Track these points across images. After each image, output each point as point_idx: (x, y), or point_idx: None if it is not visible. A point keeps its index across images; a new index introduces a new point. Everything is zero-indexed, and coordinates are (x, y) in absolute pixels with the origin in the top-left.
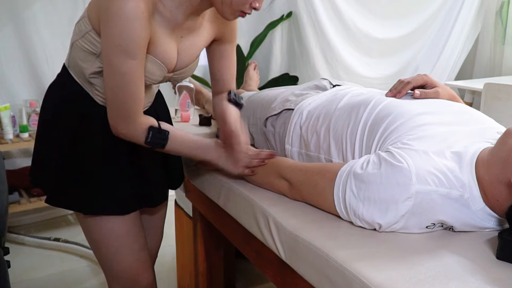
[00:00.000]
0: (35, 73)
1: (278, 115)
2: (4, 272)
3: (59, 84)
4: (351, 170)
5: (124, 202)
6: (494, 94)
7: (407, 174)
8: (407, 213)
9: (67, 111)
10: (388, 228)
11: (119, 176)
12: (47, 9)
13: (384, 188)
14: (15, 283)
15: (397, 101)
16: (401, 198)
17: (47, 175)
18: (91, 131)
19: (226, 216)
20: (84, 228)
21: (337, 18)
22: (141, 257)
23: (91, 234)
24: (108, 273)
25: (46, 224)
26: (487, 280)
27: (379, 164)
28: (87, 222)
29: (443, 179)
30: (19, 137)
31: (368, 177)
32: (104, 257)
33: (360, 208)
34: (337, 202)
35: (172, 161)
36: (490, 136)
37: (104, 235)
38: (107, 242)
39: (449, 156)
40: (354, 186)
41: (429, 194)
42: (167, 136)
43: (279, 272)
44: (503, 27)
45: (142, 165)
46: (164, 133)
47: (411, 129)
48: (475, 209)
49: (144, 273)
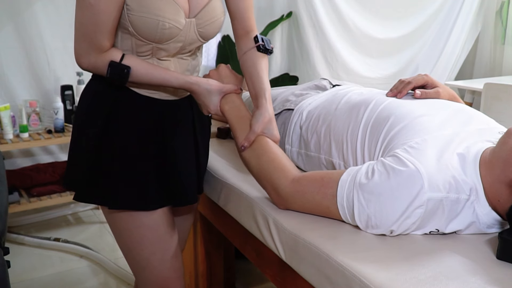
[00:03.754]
0: (35, 73)
1: (278, 115)
2: (4, 272)
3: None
4: (355, 180)
5: (151, 197)
6: (494, 94)
7: (418, 181)
8: (417, 220)
9: (96, 104)
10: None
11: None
12: (47, 9)
13: (396, 199)
14: (15, 283)
15: (398, 101)
16: (412, 207)
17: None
18: (119, 121)
19: (226, 216)
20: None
21: (337, 18)
22: (174, 265)
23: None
24: (138, 278)
25: (46, 224)
26: (487, 280)
27: (387, 174)
28: (117, 221)
29: (453, 183)
30: (19, 137)
31: (377, 189)
32: (135, 263)
33: (372, 220)
34: (343, 215)
35: (203, 164)
36: (492, 136)
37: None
38: (139, 247)
39: (455, 158)
40: (363, 199)
41: (440, 201)
42: (128, 71)
43: (279, 272)
44: (503, 27)
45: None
46: (122, 69)
47: (415, 132)
48: (481, 214)
49: (176, 282)
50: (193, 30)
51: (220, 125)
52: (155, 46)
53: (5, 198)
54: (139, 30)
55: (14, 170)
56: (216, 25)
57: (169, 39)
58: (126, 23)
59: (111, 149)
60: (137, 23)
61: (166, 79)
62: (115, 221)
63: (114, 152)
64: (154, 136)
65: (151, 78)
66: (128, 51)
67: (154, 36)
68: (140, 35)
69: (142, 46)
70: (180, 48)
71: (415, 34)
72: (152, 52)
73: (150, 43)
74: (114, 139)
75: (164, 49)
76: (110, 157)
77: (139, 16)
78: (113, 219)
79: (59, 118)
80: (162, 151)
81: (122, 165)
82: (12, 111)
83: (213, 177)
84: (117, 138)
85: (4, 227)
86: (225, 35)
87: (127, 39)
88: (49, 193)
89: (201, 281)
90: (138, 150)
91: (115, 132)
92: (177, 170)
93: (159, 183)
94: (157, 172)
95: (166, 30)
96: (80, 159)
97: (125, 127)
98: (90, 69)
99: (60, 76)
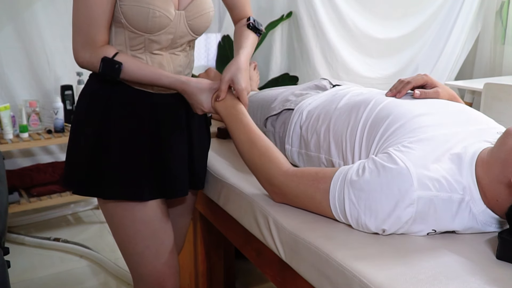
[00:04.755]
0: (35, 73)
1: (278, 115)
2: (4, 272)
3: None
4: (346, 177)
5: (144, 188)
6: (494, 94)
7: (407, 179)
8: (410, 220)
9: (92, 103)
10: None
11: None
12: (47, 9)
13: (386, 196)
14: (15, 283)
15: (397, 101)
16: (403, 204)
17: (77, 169)
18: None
19: (226, 216)
20: (112, 225)
21: (337, 18)
22: (169, 261)
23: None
24: (134, 274)
25: (46, 224)
26: (487, 280)
27: (377, 171)
28: (112, 216)
29: (444, 183)
30: (19, 137)
31: (367, 186)
32: (130, 258)
33: (362, 217)
34: (335, 212)
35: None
36: (490, 136)
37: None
38: (134, 241)
39: (449, 158)
40: (354, 196)
41: (430, 200)
42: (119, 67)
43: (279, 272)
44: (503, 27)
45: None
46: (114, 64)
47: (411, 131)
48: (477, 212)
49: (171, 278)
50: (183, 22)
51: (220, 125)
52: (147, 37)
53: (5, 198)
54: (132, 21)
55: (14, 170)
56: (205, 19)
57: (160, 29)
58: (118, 15)
59: (107, 142)
60: (129, 12)
61: (157, 77)
62: (111, 216)
63: (110, 145)
64: (147, 128)
65: (143, 75)
66: (122, 45)
67: (146, 26)
68: (133, 25)
69: (135, 39)
70: (172, 41)
71: (415, 34)
72: (144, 46)
73: (142, 34)
74: (110, 133)
75: (156, 41)
76: (106, 150)
77: (130, 6)
78: (109, 213)
79: (59, 118)
80: (156, 143)
81: (117, 157)
82: (12, 111)
83: (213, 177)
84: (113, 132)
85: (4, 227)
86: (225, 35)
87: (121, 33)
88: (49, 193)
89: (201, 281)
90: (132, 142)
91: (111, 126)
92: (168, 162)
93: (152, 174)
94: (150, 164)
95: (156, 19)
96: (78, 157)
97: (119, 120)
98: (86, 65)
99: (60, 76)
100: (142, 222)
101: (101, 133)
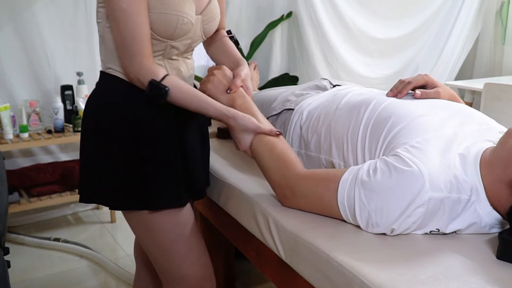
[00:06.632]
0: (35, 73)
1: (278, 115)
2: (4, 272)
3: (97, 92)
4: (357, 177)
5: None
6: (494, 94)
7: (420, 181)
8: (418, 220)
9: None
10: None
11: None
12: (48, 9)
13: (397, 198)
14: (15, 283)
15: (398, 101)
16: (414, 205)
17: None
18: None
19: (226, 216)
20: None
21: (337, 18)
22: (207, 261)
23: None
24: (173, 277)
25: (46, 224)
26: (487, 280)
27: (389, 172)
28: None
29: (455, 183)
30: (19, 137)
31: (378, 187)
32: (170, 262)
33: (373, 217)
34: (343, 212)
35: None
36: (492, 136)
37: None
38: (177, 245)
39: (456, 158)
40: (364, 196)
41: (441, 201)
42: (166, 92)
43: (279, 272)
44: (503, 27)
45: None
46: (161, 89)
47: (415, 132)
48: (483, 214)
49: (211, 278)
50: (199, 26)
51: (220, 125)
52: (169, 44)
53: (5, 198)
54: (158, 28)
55: (14, 170)
56: (216, 22)
57: (183, 35)
58: None
59: (140, 154)
60: (157, 20)
61: (204, 106)
62: (148, 224)
63: (143, 156)
64: (175, 135)
65: (189, 103)
66: None
67: (172, 32)
68: (158, 33)
69: (156, 46)
70: (188, 45)
71: (415, 34)
72: (164, 52)
73: (165, 40)
74: (140, 145)
75: (176, 47)
76: (140, 162)
77: (159, 13)
78: (144, 222)
79: (59, 118)
80: (181, 143)
81: (153, 167)
82: (12, 111)
83: (213, 177)
84: (142, 144)
85: (4, 227)
86: None
87: None
88: (49, 193)
89: None
90: (163, 145)
91: (140, 139)
92: (191, 162)
93: (183, 176)
94: (180, 165)
95: (184, 26)
96: (110, 173)
97: (148, 131)
98: (135, 80)
99: (60, 76)
100: (183, 225)
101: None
